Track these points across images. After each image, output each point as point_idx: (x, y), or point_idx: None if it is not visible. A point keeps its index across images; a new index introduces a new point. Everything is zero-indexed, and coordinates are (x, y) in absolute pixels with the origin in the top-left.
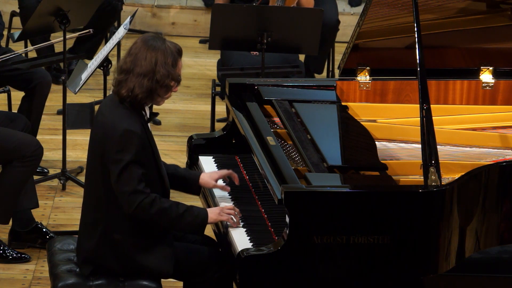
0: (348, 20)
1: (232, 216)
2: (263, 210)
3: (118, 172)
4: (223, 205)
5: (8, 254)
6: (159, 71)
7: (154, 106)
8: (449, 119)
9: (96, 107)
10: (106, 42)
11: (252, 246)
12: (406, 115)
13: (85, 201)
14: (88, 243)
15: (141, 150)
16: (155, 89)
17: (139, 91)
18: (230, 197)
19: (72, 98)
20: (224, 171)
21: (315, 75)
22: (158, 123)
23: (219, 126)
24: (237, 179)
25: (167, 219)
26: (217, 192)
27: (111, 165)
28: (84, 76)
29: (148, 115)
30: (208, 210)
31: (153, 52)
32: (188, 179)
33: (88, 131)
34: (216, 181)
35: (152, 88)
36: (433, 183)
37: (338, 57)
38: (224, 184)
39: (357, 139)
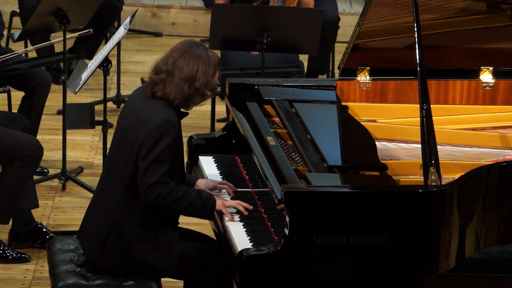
0: (348, 20)
1: (237, 204)
2: (263, 210)
3: (150, 161)
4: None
5: (8, 254)
6: (199, 79)
7: None
8: (449, 119)
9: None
10: (106, 42)
11: (252, 246)
12: (406, 115)
13: (101, 187)
14: (97, 230)
15: (175, 141)
16: (192, 96)
17: (176, 97)
18: (230, 197)
19: (72, 98)
20: (221, 183)
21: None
22: None
23: (219, 126)
24: (231, 191)
25: (180, 206)
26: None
27: (144, 151)
28: (84, 76)
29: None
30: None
31: (195, 60)
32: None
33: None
34: (212, 189)
35: (190, 95)
36: (433, 183)
37: (338, 57)
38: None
39: (357, 139)
